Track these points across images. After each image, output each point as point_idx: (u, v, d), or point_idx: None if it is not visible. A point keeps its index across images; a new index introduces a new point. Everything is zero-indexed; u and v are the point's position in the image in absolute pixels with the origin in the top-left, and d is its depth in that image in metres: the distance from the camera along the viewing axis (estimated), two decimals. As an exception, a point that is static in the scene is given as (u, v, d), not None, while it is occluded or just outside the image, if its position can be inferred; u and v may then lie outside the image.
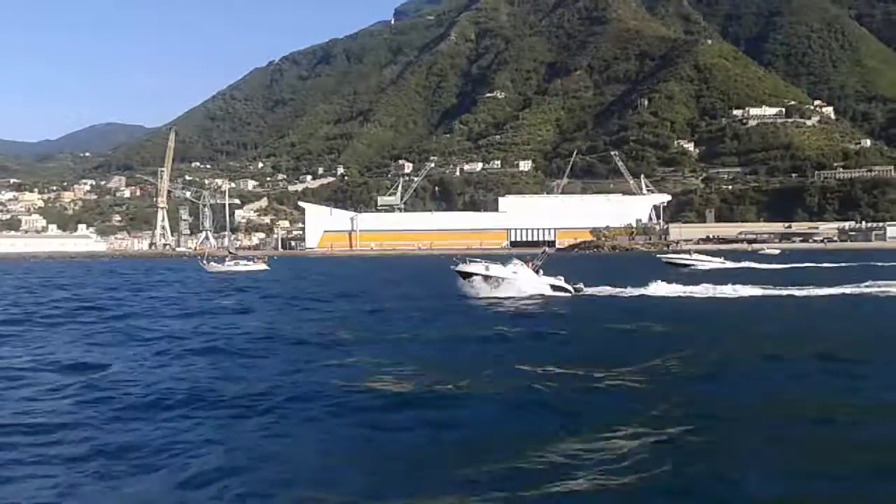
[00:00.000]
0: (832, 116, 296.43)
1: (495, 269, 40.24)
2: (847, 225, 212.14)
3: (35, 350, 22.25)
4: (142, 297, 47.38)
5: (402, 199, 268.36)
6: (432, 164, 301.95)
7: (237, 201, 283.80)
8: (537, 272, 40.31)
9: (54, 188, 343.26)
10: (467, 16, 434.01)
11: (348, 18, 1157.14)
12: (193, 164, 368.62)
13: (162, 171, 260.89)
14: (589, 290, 40.90)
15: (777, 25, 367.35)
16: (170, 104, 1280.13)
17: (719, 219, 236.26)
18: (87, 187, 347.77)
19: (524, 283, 39.73)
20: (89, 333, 26.48)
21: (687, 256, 79.92)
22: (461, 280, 40.79)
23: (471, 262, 41.86)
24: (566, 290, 39.94)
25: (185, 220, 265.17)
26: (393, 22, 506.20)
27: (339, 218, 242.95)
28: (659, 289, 41.32)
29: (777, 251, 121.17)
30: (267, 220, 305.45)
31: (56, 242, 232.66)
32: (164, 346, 22.85)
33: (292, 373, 17.60)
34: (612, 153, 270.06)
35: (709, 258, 78.65)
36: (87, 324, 29.95)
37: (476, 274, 40.14)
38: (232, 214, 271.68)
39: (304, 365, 18.72)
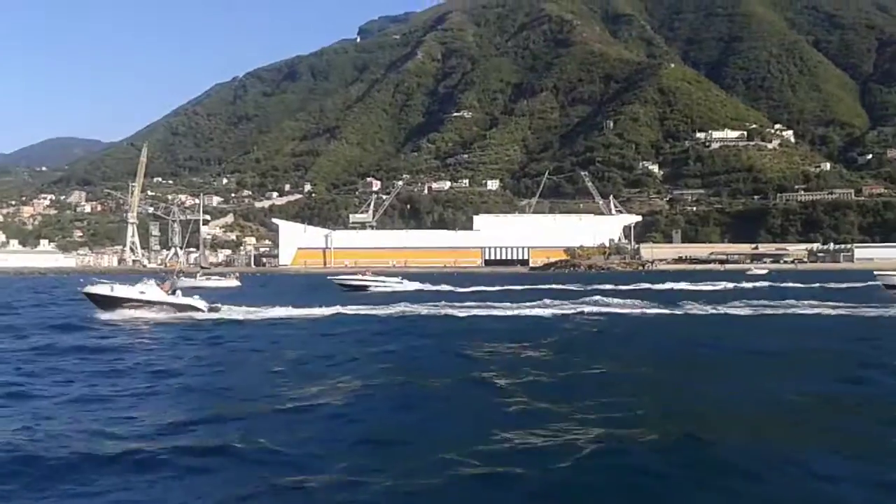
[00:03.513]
0: (792, 140, 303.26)
1: (121, 290, 40.36)
2: (815, 246, 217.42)
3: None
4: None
5: (373, 217, 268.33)
6: (402, 183, 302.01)
7: (207, 217, 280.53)
8: (173, 292, 40.71)
9: (13, 203, 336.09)
10: (434, 35, 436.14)
11: (311, 37, 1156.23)
12: (156, 180, 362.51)
13: (133, 186, 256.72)
14: (227, 312, 41.16)
15: (737, 50, 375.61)
16: (128, 119, 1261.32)
17: (685, 239, 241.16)
18: (47, 202, 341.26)
19: (154, 302, 39.68)
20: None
21: (364, 278, 77.69)
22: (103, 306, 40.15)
23: (97, 282, 42.03)
24: (199, 310, 40.22)
25: (154, 235, 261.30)
26: (358, 40, 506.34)
27: (314, 235, 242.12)
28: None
29: (765, 270, 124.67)
30: (233, 236, 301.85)
31: (26, 258, 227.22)
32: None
33: None
34: (582, 174, 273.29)
35: (385, 280, 77.38)
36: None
37: (105, 296, 40.15)
38: (197, 230, 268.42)
39: None
